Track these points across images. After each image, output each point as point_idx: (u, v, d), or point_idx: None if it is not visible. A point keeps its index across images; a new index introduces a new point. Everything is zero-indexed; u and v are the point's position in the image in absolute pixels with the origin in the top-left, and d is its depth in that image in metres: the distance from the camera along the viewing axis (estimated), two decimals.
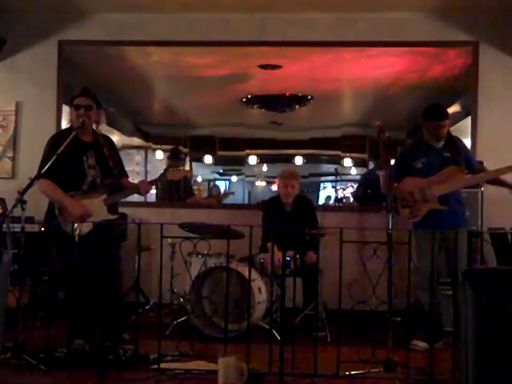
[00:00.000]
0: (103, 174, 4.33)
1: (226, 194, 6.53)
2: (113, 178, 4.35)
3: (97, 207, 4.23)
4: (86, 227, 4.10)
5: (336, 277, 3.90)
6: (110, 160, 4.36)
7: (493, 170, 4.64)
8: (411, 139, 4.59)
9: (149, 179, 5.56)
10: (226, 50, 6.16)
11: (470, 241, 4.80)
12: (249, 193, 6.52)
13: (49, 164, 3.98)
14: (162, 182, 5.50)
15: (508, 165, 4.47)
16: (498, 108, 5.84)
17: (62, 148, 4.01)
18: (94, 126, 4.44)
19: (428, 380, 3.74)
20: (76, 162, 4.26)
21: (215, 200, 6.50)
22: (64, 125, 6.04)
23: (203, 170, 6.60)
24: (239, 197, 6.53)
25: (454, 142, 4.66)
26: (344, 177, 6.44)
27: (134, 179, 5.28)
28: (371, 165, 6.22)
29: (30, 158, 4.65)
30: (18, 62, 6.25)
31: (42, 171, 4.00)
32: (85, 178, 4.28)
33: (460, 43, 5.94)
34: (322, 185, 6.63)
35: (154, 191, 6.14)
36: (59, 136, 4.34)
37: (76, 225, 3.98)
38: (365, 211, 5.88)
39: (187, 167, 6.42)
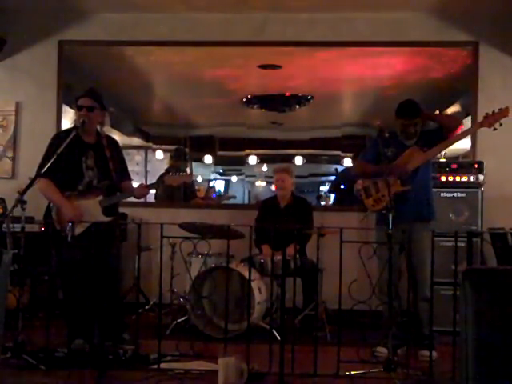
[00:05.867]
0: (101, 176, 4.30)
1: (227, 197, 6.51)
2: (111, 179, 4.33)
3: (91, 208, 4.22)
4: (80, 228, 4.10)
5: (336, 277, 3.90)
6: (111, 162, 4.34)
7: (448, 140, 4.50)
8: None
9: (149, 181, 5.55)
10: (225, 50, 6.16)
11: (469, 241, 4.79)
12: (249, 193, 6.52)
13: (49, 164, 3.98)
14: (159, 186, 5.47)
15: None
16: (498, 108, 5.82)
17: (62, 148, 4.00)
18: (98, 128, 4.41)
19: (428, 380, 3.74)
20: (74, 161, 4.24)
21: (213, 202, 6.48)
22: (66, 125, 6.05)
23: (203, 170, 6.59)
24: (239, 197, 6.53)
25: (428, 138, 4.52)
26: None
27: (134, 179, 5.27)
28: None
29: (30, 158, 4.66)
30: (18, 61, 6.25)
31: (42, 171, 4.00)
32: (82, 178, 4.27)
33: (460, 43, 5.94)
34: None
35: (153, 191, 6.13)
36: (61, 135, 4.33)
37: (69, 225, 3.98)
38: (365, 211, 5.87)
39: (189, 169, 6.42)
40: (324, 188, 6.54)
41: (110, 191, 4.32)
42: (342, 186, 6.41)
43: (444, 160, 5.49)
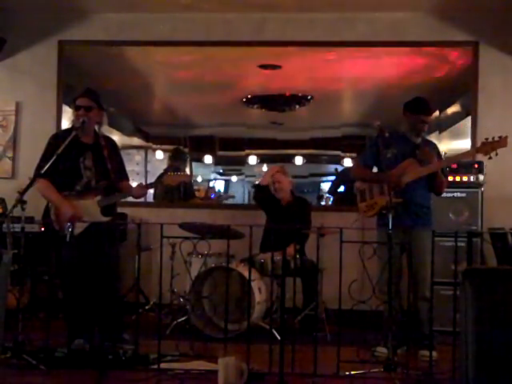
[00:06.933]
0: (99, 176, 4.30)
1: (227, 196, 6.51)
2: (109, 179, 4.34)
3: (90, 209, 4.21)
4: (78, 228, 4.10)
5: (336, 277, 3.90)
6: (109, 162, 4.34)
7: (444, 160, 4.69)
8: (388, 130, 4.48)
9: (149, 181, 5.56)
10: (225, 50, 6.16)
11: (469, 241, 4.79)
12: (249, 193, 6.52)
13: (48, 164, 3.98)
14: (158, 186, 5.49)
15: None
16: (498, 108, 5.84)
17: (61, 148, 4.00)
18: (96, 128, 4.42)
19: (428, 380, 3.74)
20: (72, 162, 4.24)
21: (213, 202, 6.48)
22: (65, 125, 6.06)
23: (203, 170, 6.59)
24: (239, 197, 6.53)
25: (429, 146, 4.56)
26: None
27: (133, 179, 5.28)
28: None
29: (30, 158, 4.65)
30: (18, 61, 6.25)
31: (42, 171, 4.00)
32: (80, 178, 4.26)
33: (460, 43, 5.94)
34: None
35: (152, 191, 6.14)
36: (59, 136, 4.34)
37: (68, 225, 3.98)
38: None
39: (188, 169, 6.43)
40: (325, 185, 6.54)
41: (109, 191, 4.32)
42: (342, 188, 6.41)
43: None
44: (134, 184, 4.75)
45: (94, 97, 4.35)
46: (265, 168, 6.46)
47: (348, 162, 6.31)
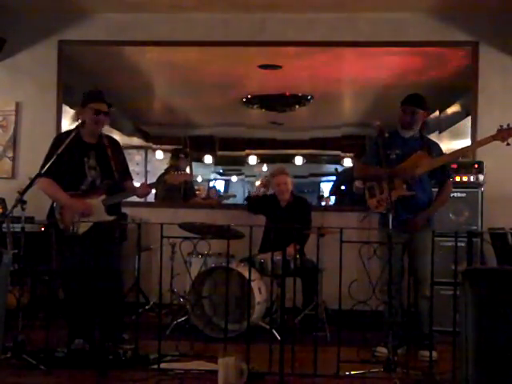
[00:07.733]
0: (104, 176, 4.31)
1: (228, 196, 6.51)
2: (113, 179, 4.34)
3: (95, 208, 4.22)
4: (83, 227, 4.10)
5: (336, 277, 3.90)
6: (113, 162, 4.35)
7: (452, 152, 4.81)
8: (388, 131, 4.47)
9: (149, 181, 5.56)
10: (225, 50, 6.17)
11: (469, 241, 4.79)
12: (249, 192, 6.52)
13: (49, 163, 3.98)
14: (160, 185, 5.49)
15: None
16: (498, 108, 5.83)
17: (62, 148, 4.01)
18: None
19: (428, 380, 3.74)
20: (77, 162, 4.26)
21: (214, 202, 6.48)
22: (65, 125, 6.07)
23: (203, 170, 6.59)
24: (239, 197, 6.53)
25: (429, 145, 4.56)
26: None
27: (134, 179, 5.28)
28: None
29: (30, 158, 4.67)
30: (18, 61, 6.25)
31: (42, 170, 4.01)
32: (84, 178, 4.28)
33: (460, 43, 5.94)
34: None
35: (153, 191, 6.14)
36: (62, 136, 4.34)
37: (73, 224, 3.98)
38: (365, 211, 5.87)
39: (189, 169, 6.43)
40: (325, 185, 6.53)
41: (113, 190, 4.33)
42: (343, 187, 6.42)
43: None
44: (136, 184, 4.75)
45: (107, 100, 4.36)
46: (265, 168, 6.46)
47: (348, 162, 6.31)
